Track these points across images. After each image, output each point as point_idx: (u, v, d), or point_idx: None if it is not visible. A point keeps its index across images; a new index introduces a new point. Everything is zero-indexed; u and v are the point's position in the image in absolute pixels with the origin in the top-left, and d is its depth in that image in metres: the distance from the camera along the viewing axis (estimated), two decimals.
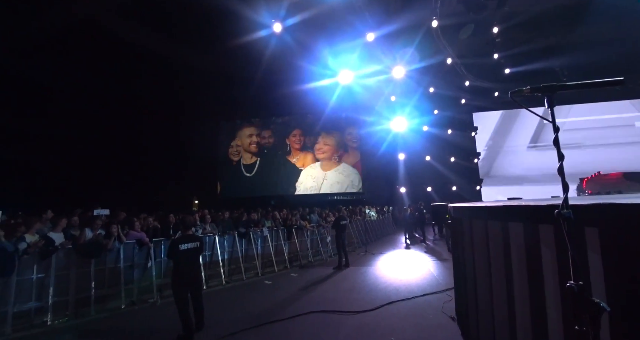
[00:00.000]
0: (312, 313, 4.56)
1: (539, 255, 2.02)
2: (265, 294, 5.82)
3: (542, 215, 2.01)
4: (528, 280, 2.19)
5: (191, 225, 3.92)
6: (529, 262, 2.15)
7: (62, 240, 4.85)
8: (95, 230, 5.09)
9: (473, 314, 3.16)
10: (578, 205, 1.61)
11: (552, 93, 1.04)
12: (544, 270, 1.98)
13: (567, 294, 0.94)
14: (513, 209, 2.36)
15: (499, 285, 2.59)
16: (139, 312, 5.06)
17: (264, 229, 7.87)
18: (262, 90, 18.65)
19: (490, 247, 2.71)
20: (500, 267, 2.55)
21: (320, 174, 20.10)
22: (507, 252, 2.42)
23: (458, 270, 4.03)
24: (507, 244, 2.40)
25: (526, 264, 2.20)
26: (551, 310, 1.87)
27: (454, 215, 3.85)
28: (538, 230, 2.05)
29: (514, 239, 2.34)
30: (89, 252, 4.81)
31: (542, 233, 2.03)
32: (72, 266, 4.76)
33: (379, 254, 9.69)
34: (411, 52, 15.60)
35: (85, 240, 4.89)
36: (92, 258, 4.90)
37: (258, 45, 14.98)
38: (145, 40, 14.29)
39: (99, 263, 5.03)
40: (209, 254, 6.67)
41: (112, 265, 5.20)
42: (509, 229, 2.38)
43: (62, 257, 4.72)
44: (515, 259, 2.33)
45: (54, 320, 4.50)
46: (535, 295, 2.07)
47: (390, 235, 15.12)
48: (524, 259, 2.20)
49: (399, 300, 4.98)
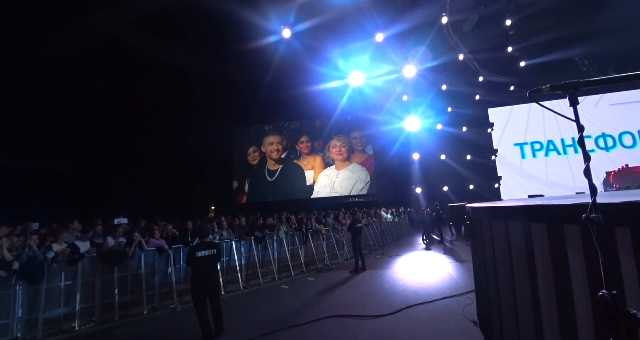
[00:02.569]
0: (330, 318, 4.53)
1: (565, 259, 1.92)
2: (283, 299, 5.83)
3: (568, 215, 1.91)
4: (554, 285, 2.09)
5: (208, 232, 3.98)
6: (554, 266, 2.05)
7: (87, 248, 5.04)
8: (117, 238, 5.25)
9: (496, 319, 3.05)
10: (607, 204, 1.52)
11: (575, 90, 0.98)
12: (571, 275, 1.88)
13: (600, 304, 0.88)
14: (535, 209, 2.26)
15: (523, 289, 2.49)
16: (160, 317, 5.17)
17: (280, 233, 7.91)
18: (274, 95, 18.86)
19: (512, 249, 2.61)
20: (523, 271, 2.45)
21: (333, 173, 20.22)
22: (530, 255, 2.32)
23: (478, 272, 3.91)
24: (530, 246, 2.30)
25: (552, 268, 2.09)
26: (581, 318, 1.77)
27: (473, 216, 3.74)
28: (563, 231, 1.95)
29: (537, 240, 2.24)
30: (111, 259, 4.97)
31: (567, 234, 1.93)
32: (96, 273, 4.93)
33: (396, 257, 9.55)
34: (422, 50, 15.40)
35: (108, 248, 5.05)
36: (115, 265, 5.05)
37: (268, 51, 15.18)
38: (159, 50, 14.76)
39: (121, 270, 5.18)
40: (226, 259, 6.76)
41: (134, 272, 5.35)
42: (531, 230, 2.28)
43: (88, 265, 4.89)
44: (539, 262, 2.23)
45: (81, 325, 4.66)
46: (562, 302, 1.97)
47: (406, 236, 14.88)
48: (549, 262, 2.10)
49: (418, 304, 4.87)
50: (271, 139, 21.71)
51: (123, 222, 5.71)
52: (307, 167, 20.78)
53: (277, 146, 21.49)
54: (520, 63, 17.73)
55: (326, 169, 20.51)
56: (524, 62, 17.74)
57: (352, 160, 20.37)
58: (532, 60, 17.46)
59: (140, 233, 5.90)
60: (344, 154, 20.49)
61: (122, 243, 5.23)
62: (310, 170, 20.67)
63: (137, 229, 6.24)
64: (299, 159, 21.11)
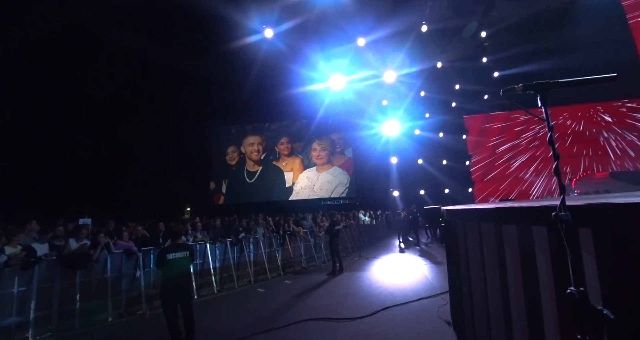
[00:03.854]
0: (306, 321, 4.46)
1: (533, 259, 1.99)
2: (259, 303, 5.69)
3: (536, 216, 1.98)
4: (523, 284, 2.15)
5: (181, 233, 3.80)
6: (523, 266, 2.11)
7: (46, 251, 4.68)
8: (80, 240, 4.92)
9: (469, 319, 3.12)
10: (571, 206, 1.58)
11: (545, 90, 1.00)
12: (539, 274, 1.94)
13: (568, 301, 0.89)
14: (506, 211, 2.33)
15: (495, 289, 2.55)
16: (126, 324, 4.88)
17: (257, 235, 7.75)
18: (255, 96, 18.64)
19: (484, 250, 2.67)
20: (494, 271, 2.51)
21: (314, 175, 20.20)
22: (501, 255, 2.38)
23: (452, 273, 3.99)
24: (502, 247, 2.37)
25: (521, 268, 2.16)
26: (548, 316, 1.83)
27: (448, 218, 3.82)
28: (532, 232, 2.02)
29: (508, 241, 2.31)
30: (73, 263, 4.64)
31: (536, 235, 2.00)
32: (56, 278, 4.58)
33: (373, 259, 9.62)
34: (402, 57, 15.77)
35: (70, 250, 4.72)
36: (77, 269, 4.72)
37: (250, 51, 15.00)
38: (135, 46, 14.17)
39: (84, 274, 4.85)
40: (200, 262, 6.52)
41: (99, 276, 5.03)
42: (502, 232, 2.35)
43: (46, 269, 4.54)
44: (509, 262, 2.29)
45: (36, 335, 4.30)
46: (531, 300, 2.03)
47: (384, 239, 15.07)
48: (519, 262, 2.17)
49: (394, 306, 4.91)
50: (251, 140, 21.39)
51: (87, 223, 5.36)
52: (286, 169, 20.63)
53: (258, 147, 21.20)
54: (494, 73, 18.59)
55: (307, 171, 20.45)
56: (497, 73, 18.63)
57: (333, 163, 20.44)
58: (505, 71, 18.38)
59: (108, 235, 5.58)
60: (323, 158, 20.53)
61: (86, 245, 4.90)
62: (289, 172, 20.54)
63: (104, 230, 5.89)
64: (278, 160, 20.92)
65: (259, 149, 21.16)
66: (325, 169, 20.34)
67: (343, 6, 12.76)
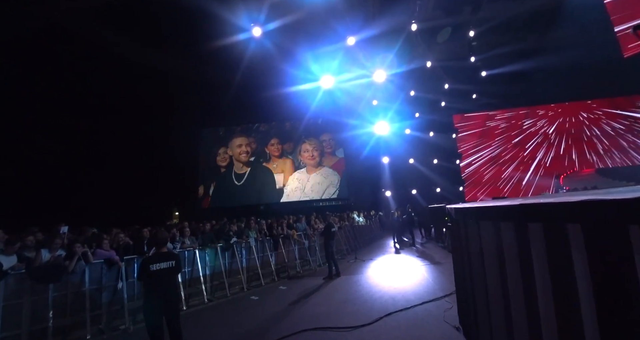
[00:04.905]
0: (304, 331, 4.15)
1: (568, 260, 1.75)
2: (252, 311, 5.34)
3: (572, 213, 1.75)
4: (553, 289, 1.93)
5: (165, 241, 3.43)
6: (554, 268, 1.88)
7: (14, 263, 4.21)
8: (54, 250, 4.47)
9: (485, 327, 2.87)
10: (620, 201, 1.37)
11: None
12: (577, 278, 1.71)
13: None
14: (533, 208, 2.09)
15: (516, 294, 2.32)
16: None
17: (250, 240, 7.38)
18: (243, 96, 18.22)
19: (504, 251, 2.44)
20: (516, 274, 2.28)
21: (304, 176, 19.87)
22: (525, 256, 2.15)
23: (461, 276, 3.76)
24: (526, 247, 2.14)
25: (549, 270, 1.93)
26: (589, 328, 1.59)
27: (456, 217, 3.58)
28: (567, 231, 1.78)
29: (535, 242, 2.07)
30: (45, 276, 4.19)
31: (571, 234, 1.76)
32: (25, 294, 4.12)
33: (369, 260, 9.38)
34: (392, 56, 15.67)
35: (41, 262, 4.26)
36: (50, 283, 4.27)
37: (237, 50, 14.61)
38: (117, 44, 13.57)
39: (59, 288, 4.40)
40: (188, 270, 6.12)
41: (75, 290, 4.58)
42: (528, 230, 2.12)
43: (13, 284, 4.08)
44: (537, 264, 2.06)
45: None
46: (563, 306, 1.80)
47: (378, 240, 14.87)
48: (546, 264, 1.94)
49: (397, 311, 4.65)
50: (239, 141, 20.90)
51: (63, 231, 4.90)
52: (276, 171, 20.22)
53: (246, 148, 20.74)
54: (482, 73, 18.75)
55: (297, 172, 20.10)
56: (485, 72, 18.80)
57: (323, 164, 20.17)
58: (492, 71, 18.58)
59: (86, 243, 5.12)
60: (316, 158, 20.23)
61: (61, 257, 4.45)
62: (280, 174, 20.14)
63: (81, 238, 5.42)
64: (269, 162, 20.51)
65: (247, 151, 20.70)
66: (315, 170, 20.05)
67: (332, 4, 12.55)
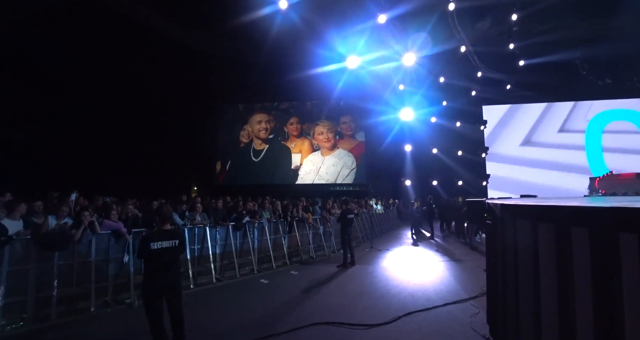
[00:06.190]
0: (315, 325, 3.82)
1: (616, 269, 1.50)
2: (262, 296, 5.09)
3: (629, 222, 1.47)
4: (594, 299, 1.49)
5: (169, 216, 3.10)
6: (598, 278, 1.47)
7: (19, 229, 4.07)
8: (61, 218, 4.30)
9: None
10: None
11: None
12: (623, 290, 1.47)
13: None
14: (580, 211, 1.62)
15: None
16: (112, 314, 4.32)
17: (263, 221, 7.11)
18: (265, 74, 17.68)
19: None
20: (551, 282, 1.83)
21: (319, 159, 19.47)
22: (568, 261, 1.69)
23: (496, 280, 3.26)
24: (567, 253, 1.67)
25: (592, 280, 1.65)
26: None
27: (501, 214, 3.05)
28: (618, 239, 1.50)
29: (577, 245, 1.60)
30: (51, 243, 4.03)
31: (622, 245, 1.49)
32: (30, 260, 3.99)
33: (385, 250, 8.98)
34: (423, 37, 14.56)
35: (48, 229, 4.10)
36: (56, 251, 4.12)
37: (262, 26, 13.95)
38: (142, 21, 13.26)
39: (65, 257, 4.25)
40: (198, 247, 5.92)
41: (81, 260, 4.43)
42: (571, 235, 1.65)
43: (19, 249, 3.94)
44: (578, 268, 1.60)
45: (7, 325, 3.75)
46: (605, 323, 1.49)
47: (395, 229, 14.43)
48: (589, 267, 1.59)
49: (417, 311, 4.24)
50: (259, 118, 20.62)
51: (72, 199, 4.74)
52: (294, 150, 19.90)
53: (266, 125, 20.47)
54: (520, 62, 17.23)
55: (311, 155, 19.71)
56: (523, 61, 17.25)
57: (338, 146, 19.64)
58: (532, 60, 17.00)
59: (95, 212, 4.96)
60: (331, 141, 19.70)
61: (67, 224, 4.28)
62: (297, 154, 19.81)
63: (92, 207, 5.28)
64: (287, 140, 20.18)
65: (267, 128, 20.43)
66: (330, 153, 19.59)
67: None
